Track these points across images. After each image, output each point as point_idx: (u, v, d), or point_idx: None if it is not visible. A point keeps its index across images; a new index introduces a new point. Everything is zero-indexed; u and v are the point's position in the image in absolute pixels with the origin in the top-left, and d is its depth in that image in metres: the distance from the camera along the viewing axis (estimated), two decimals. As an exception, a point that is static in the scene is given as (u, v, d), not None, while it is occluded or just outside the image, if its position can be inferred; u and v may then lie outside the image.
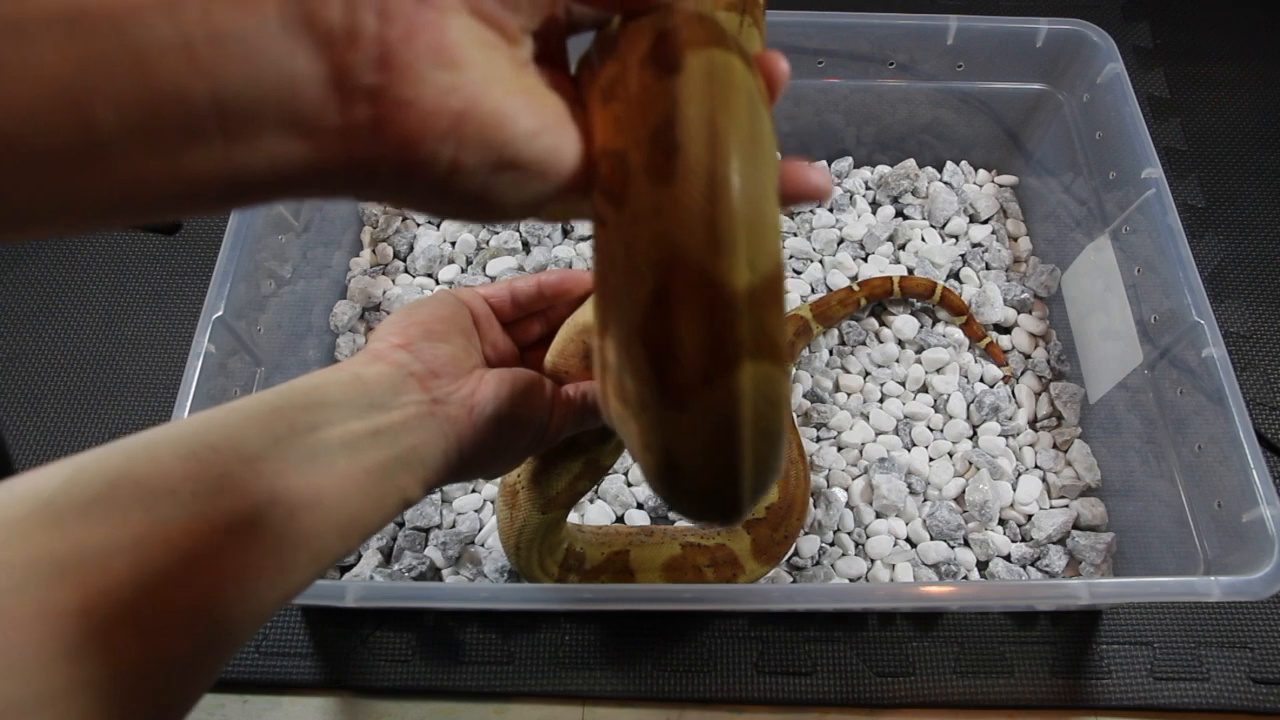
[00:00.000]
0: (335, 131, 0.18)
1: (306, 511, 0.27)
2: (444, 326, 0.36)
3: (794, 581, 0.63)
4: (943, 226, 0.80)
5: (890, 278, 0.74)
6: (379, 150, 0.19)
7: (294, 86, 0.17)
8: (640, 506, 0.66)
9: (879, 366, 0.73)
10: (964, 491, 0.66)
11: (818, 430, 0.70)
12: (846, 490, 0.67)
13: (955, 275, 0.78)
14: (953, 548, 0.64)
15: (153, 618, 0.22)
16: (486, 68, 0.19)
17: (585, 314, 0.39)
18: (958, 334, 0.74)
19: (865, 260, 0.78)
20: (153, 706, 0.22)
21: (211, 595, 0.23)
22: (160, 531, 0.23)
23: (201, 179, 0.18)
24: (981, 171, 0.84)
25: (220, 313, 0.56)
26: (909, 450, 0.69)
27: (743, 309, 0.20)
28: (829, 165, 0.83)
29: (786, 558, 0.63)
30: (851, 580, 0.63)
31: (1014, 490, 0.67)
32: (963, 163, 0.84)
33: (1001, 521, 0.66)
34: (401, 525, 0.65)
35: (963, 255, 0.79)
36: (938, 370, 0.72)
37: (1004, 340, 0.75)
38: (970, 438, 0.70)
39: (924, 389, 0.72)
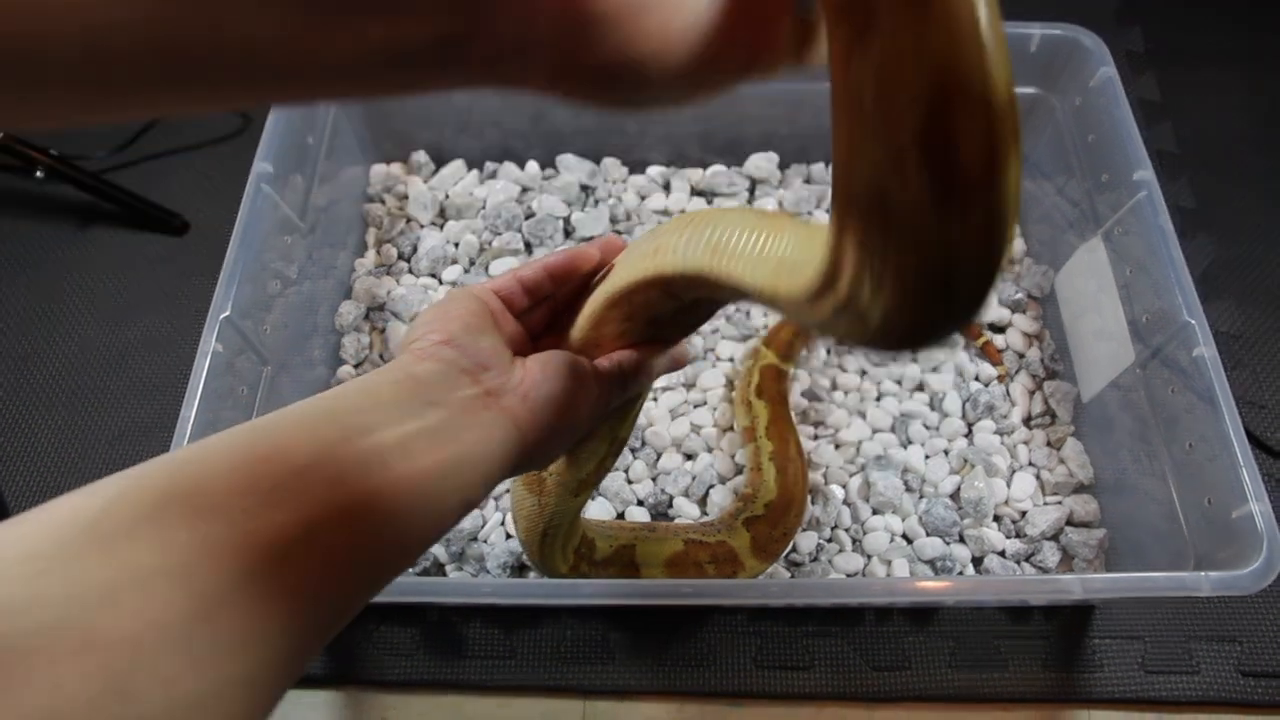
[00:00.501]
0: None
1: (362, 521, 0.25)
2: (480, 320, 0.35)
3: (792, 577, 0.64)
4: (939, 228, 0.81)
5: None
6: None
7: None
8: (640, 504, 0.67)
9: (876, 365, 0.74)
10: (959, 488, 0.67)
11: (815, 428, 0.71)
12: (844, 487, 0.68)
13: (951, 276, 0.79)
14: (948, 544, 0.65)
15: (207, 645, 0.21)
16: None
17: (620, 277, 0.39)
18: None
19: (862, 261, 0.79)
20: None
21: (266, 617, 0.22)
22: (210, 552, 0.22)
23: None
24: (977, 174, 0.84)
25: (227, 313, 0.57)
26: (905, 448, 0.70)
27: (1009, 111, 0.22)
28: (827, 167, 0.84)
29: (785, 554, 0.64)
30: (849, 576, 0.64)
31: (1008, 487, 0.68)
32: (958, 165, 0.84)
33: (996, 518, 0.67)
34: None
35: (958, 256, 0.80)
36: (933, 369, 0.73)
37: (999, 340, 0.76)
38: (965, 435, 0.71)
39: (920, 387, 0.73)
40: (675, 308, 0.38)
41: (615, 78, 0.23)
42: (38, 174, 0.78)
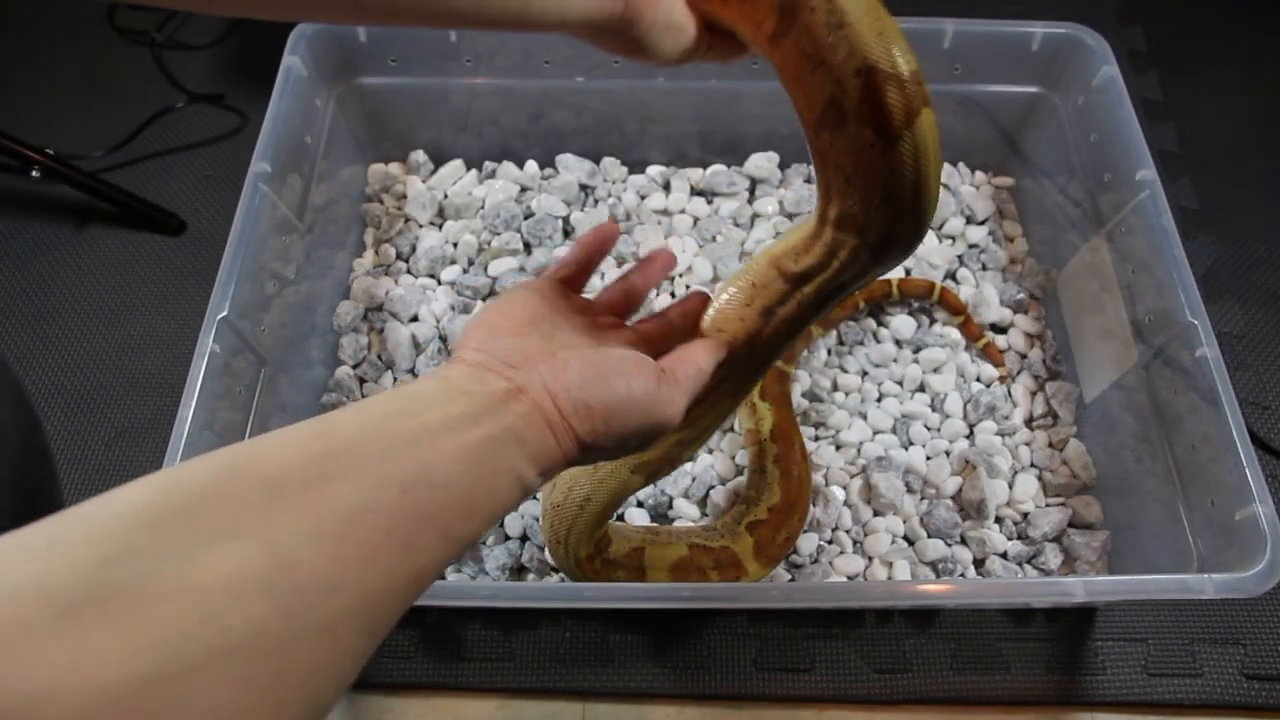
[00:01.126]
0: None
1: (418, 488, 0.27)
2: (508, 322, 0.37)
3: (792, 579, 0.64)
4: (940, 228, 0.81)
5: (889, 280, 0.74)
6: (626, 7, 0.35)
7: None
8: (640, 505, 0.67)
9: (877, 366, 0.73)
10: (961, 490, 0.67)
11: (816, 429, 0.70)
12: (845, 489, 0.68)
13: (952, 276, 0.79)
14: (950, 545, 0.65)
15: (287, 592, 0.22)
16: None
17: (750, 263, 0.45)
18: (955, 333, 0.75)
19: (863, 261, 0.79)
20: (301, 677, 0.22)
21: (339, 573, 0.24)
22: (279, 515, 0.24)
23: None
24: (978, 173, 0.84)
25: (225, 313, 0.57)
26: (906, 449, 0.69)
27: (916, 82, 0.34)
28: (827, 167, 0.84)
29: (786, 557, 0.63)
30: (850, 578, 0.64)
31: (1010, 489, 0.68)
32: (960, 164, 0.84)
33: (998, 519, 0.67)
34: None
35: (960, 256, 0.80)
36: (935, 370, 0.73)
37: (1000, 340, 0.75)
38: (967, 436, 0.71)
39: (921, 388, 0.73)
40: (786, 294, 0.44)
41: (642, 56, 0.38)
42: (34, 173, 0.77)
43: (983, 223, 0.81)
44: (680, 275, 0.78)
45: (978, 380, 0.73)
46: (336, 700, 0.24)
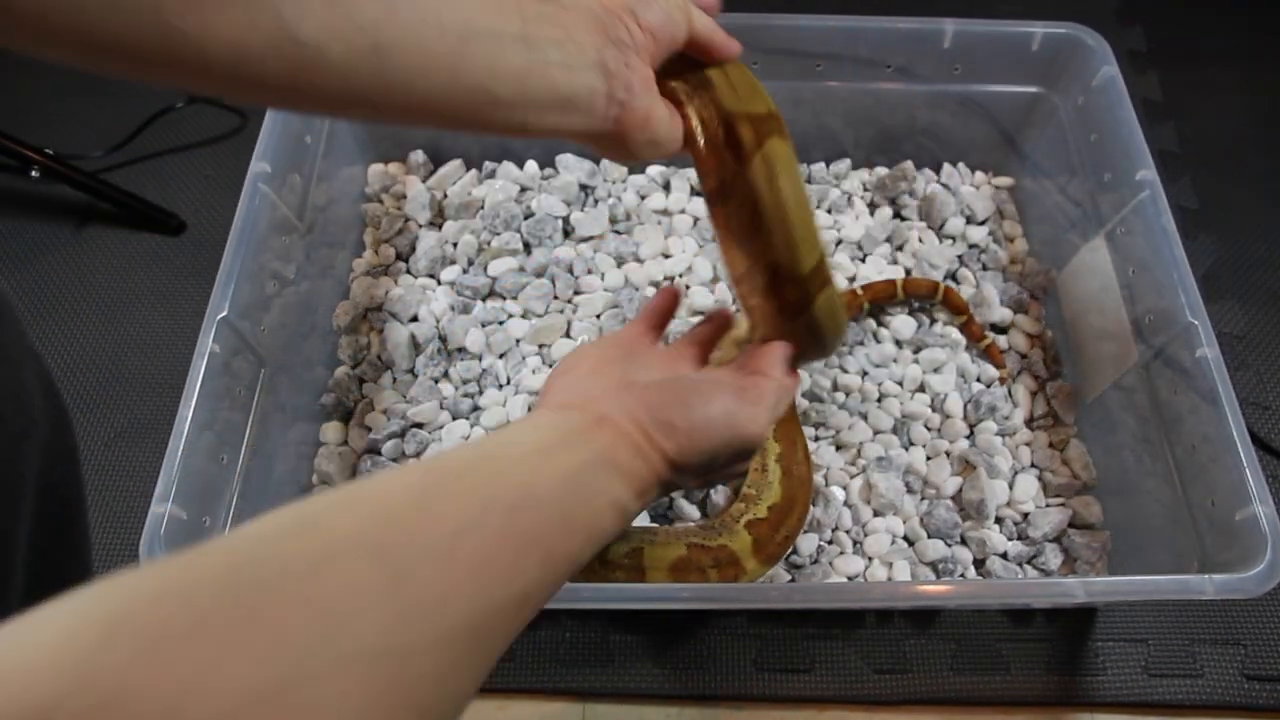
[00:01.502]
0: (601, 116, 0.38)
1: (521, 508, 0.29)
2: (584, 363, 0.41)
3: (792, 579, 0.64)
4: (940, 228, 0.81)
5: (893, 280, 0.74)
6: (616, 126, 0.39)
7: (592, 95, 0.37)
8: (640, 505, 0.67)
9: (877, 366, 0.73)
10: (961, 490, 0.67)
11: (816, 429, 0.70)
12: (845, 489, 0.68)
13: (952, 276, 0.79)
14: (950, 546, 0.65)
15: (403, 605, 0.24)
16: (653, 99, 0.40)
17: (739, 331, 0.53)
18: (955, 333, 0.75)
19: (863, 261, 0.79)
20: (418, 688, 0.24)
21: (451, 584, 0.26)
22: (393, 534, 0.26)
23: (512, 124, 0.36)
24: (978, 173, 0.84)
25: (225, 313, 0.57)
26: (907, 449, 0.69)
27: (812, 277, 0.43)
28: (827, 167, 0.84)
29: (785, 556, 0.63)
30: (850, 578, 0.64)
31: (1010, 489, 0.68)
32: (960, 164, 0.84)
33: (998, 520, 0.67)
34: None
35: (960, 256, 0.80)
36: (935, 370, 0.73)
37: (1000, 340, 0.75)
38: (967, 437, 0.70)
39: (921, 388, 0.73)
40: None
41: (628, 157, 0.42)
42: (34, 173, 0.77)
43: (983, 223, 0.81)
44: (681, 275, 0.78)
45: (978, 380, 0.73)
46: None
